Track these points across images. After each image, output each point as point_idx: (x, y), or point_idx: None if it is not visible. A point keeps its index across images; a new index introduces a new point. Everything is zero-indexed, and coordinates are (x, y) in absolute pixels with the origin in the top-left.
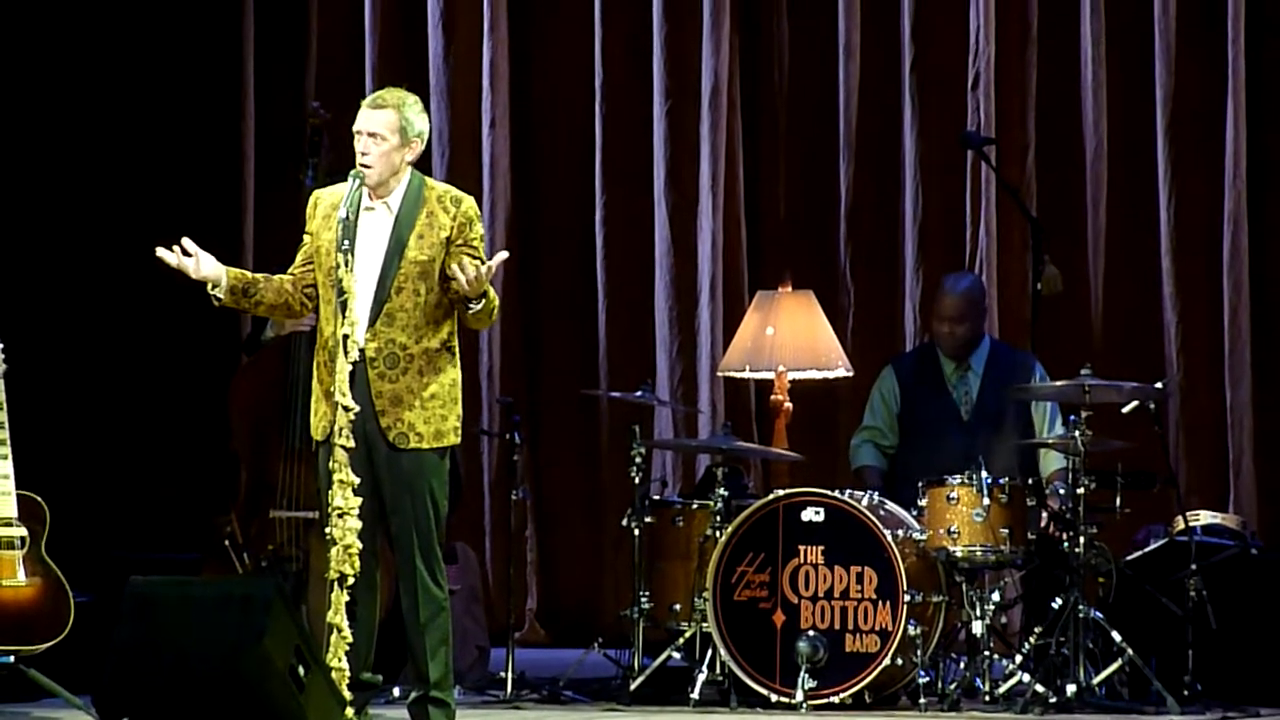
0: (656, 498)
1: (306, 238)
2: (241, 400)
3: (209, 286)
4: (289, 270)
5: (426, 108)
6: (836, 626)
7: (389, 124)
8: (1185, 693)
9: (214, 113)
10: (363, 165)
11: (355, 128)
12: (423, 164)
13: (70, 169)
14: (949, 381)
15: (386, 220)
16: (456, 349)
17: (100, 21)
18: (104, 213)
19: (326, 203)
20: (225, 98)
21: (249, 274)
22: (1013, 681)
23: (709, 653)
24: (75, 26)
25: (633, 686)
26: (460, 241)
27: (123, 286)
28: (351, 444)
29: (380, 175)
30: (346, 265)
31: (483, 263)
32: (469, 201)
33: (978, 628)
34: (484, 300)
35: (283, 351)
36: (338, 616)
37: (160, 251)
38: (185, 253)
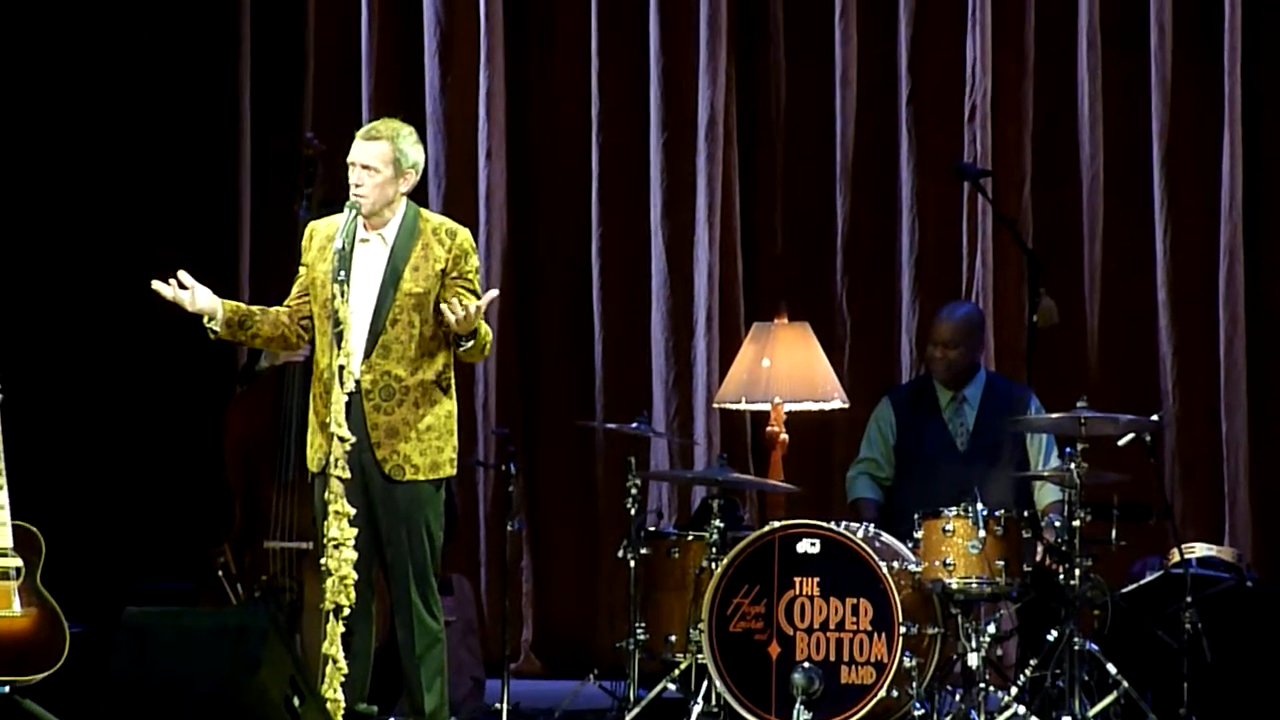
0: (652, 529)
1: (302, 269)
2: (235, 431)
3: (205, 319)
4: (284, 302)
5: (422, 138)
6: (832, 658)
7: (382, 156)
8: None
9: (210, 143)
10: (357, 197)
11: (349, 159)
12: (419, 194)
13: (65, 198)
14: (945, 413)
15: (381, 252)
16: (452, 381)
17: (95, 52)
18: (99, 243)
19: (322, 234)
20: (221, 128)
21: (245, 306)
22: (1008, 714)
23: (704, 684)
24: (70, 55)
25: (628, 718)
26: (455, 274)
27: (118, 317)
28: (347, 475)
29: (374, 206)
30: (342, 296)
31: (476, 297)
32: (464, 234)
33: (973, 660)
34: (475, 337)
35: (277, 383)
36: (333, 647)
37: (156, 285)
38: (181, 285)
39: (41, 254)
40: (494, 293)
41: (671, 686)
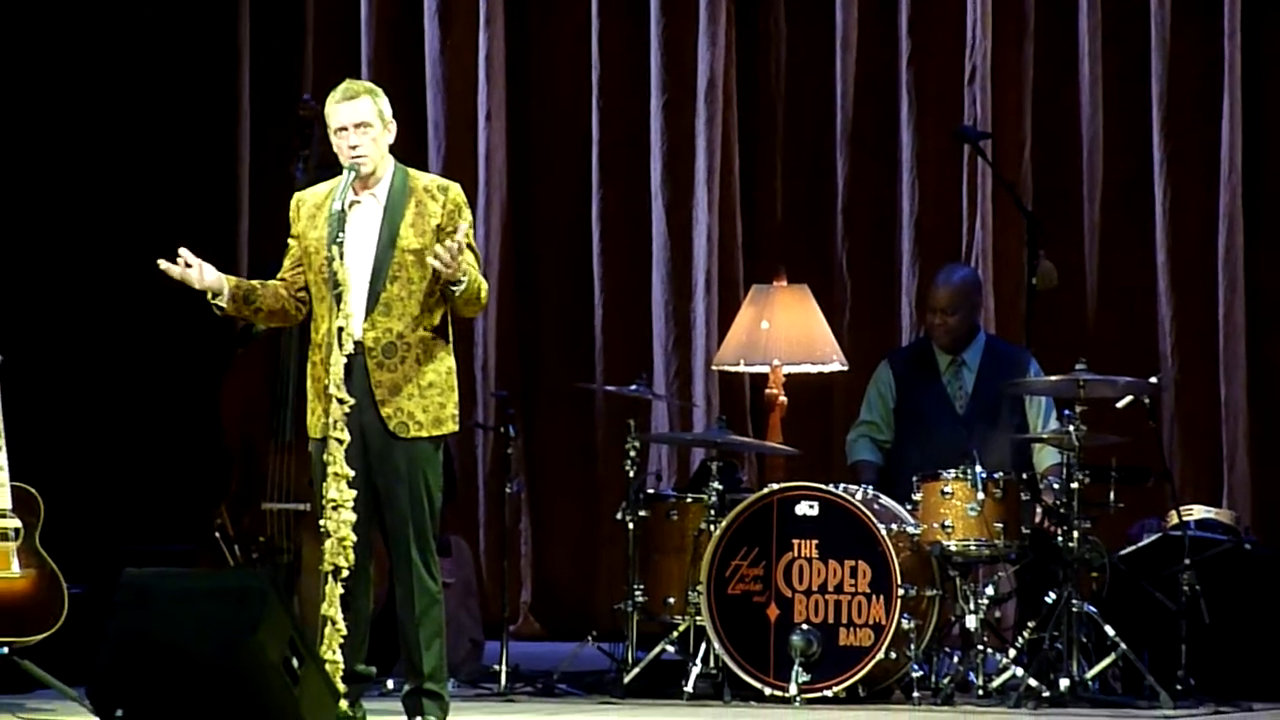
0: (651, 491)
1: (291, 241)
2: (233, 393)
3: (210, 296)
4: (278, 275)
5: (422, 99)
6: (830, 620)
7: (370, 110)
8: (1178, 687)
9: (208, 105)
10: (357, 159)
11: (338, 124)
12: (418, 157)
13: (64, 167)
14: (943, 376)
15: (376, 211)
16: (450, 336)
17: (93, 18)
18: (98, 209)
19: (310, 203)
20: (220, 91)
21: (248, 282)
22: (1006, 676)
23: (703, 646)
24: (67, 23)
25: (626, 680)
26: (450, 228)
27: (116, 282)
28: (346, 437)
29: (374, 163)
30: (340, 257)
31: (472, 251)
32: (456, 188)
33: (971, 622)
34: (465, 282)
35: (273, 345)
36: (332, 609)
37: (163, 264)
38: (186, 264)
39: (40, 219)
40: (465, 225)
41: (670, 648)
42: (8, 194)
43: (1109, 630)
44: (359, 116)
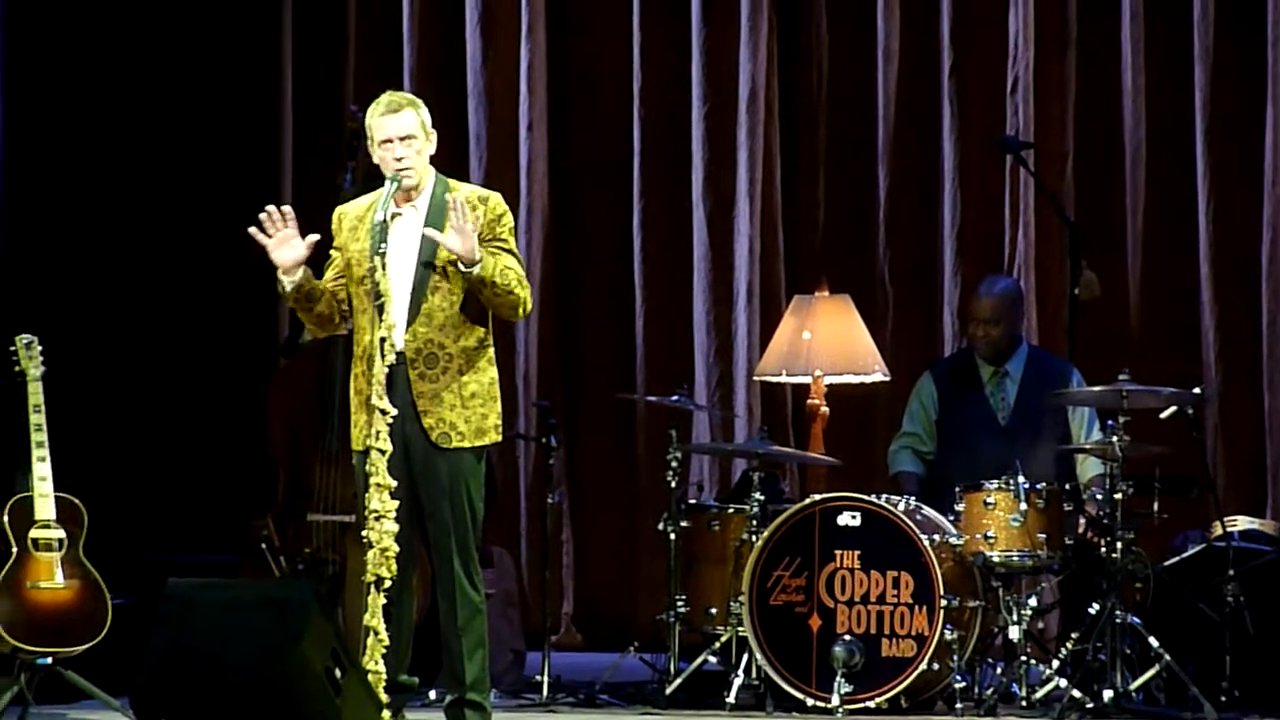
0: (693, 502)
1: (334, 253)
2: (279, 404)
3: (280, 271)
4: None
5: (464, 110)
6: (872, 631)
7: (415, 123)
8: (1222, 698)
9: (252, 118)
10: (403, 171)
11: (383, 136)
12: (460, 167)
13: (109, 172)
14: (986, 387)
15: (417, 222)
16: (492, 347)
17: (138, 26)
18: (142, 216)
19: (351, 215)
20: (264, 103)
21: (318, 282)
22: (1049, 687)
23: (745, 657)
24: (112, 29)
25: (668, 690)
26: (490, 237)
27: (161, 290)
28: (389, 447)
29: (420, 174)
30: (383, 268)
31: (514, 256)
32: (496, 197)
33: (1014, 633)
34: (479, 266)
35: (320, 355)
36: (375, 619)
37: (259, 220)
38: (283, 217)
39: (85, 227)
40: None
41: (712, 659)
42: (51, 207)
43: (1153, 641)
44: (404, 129)
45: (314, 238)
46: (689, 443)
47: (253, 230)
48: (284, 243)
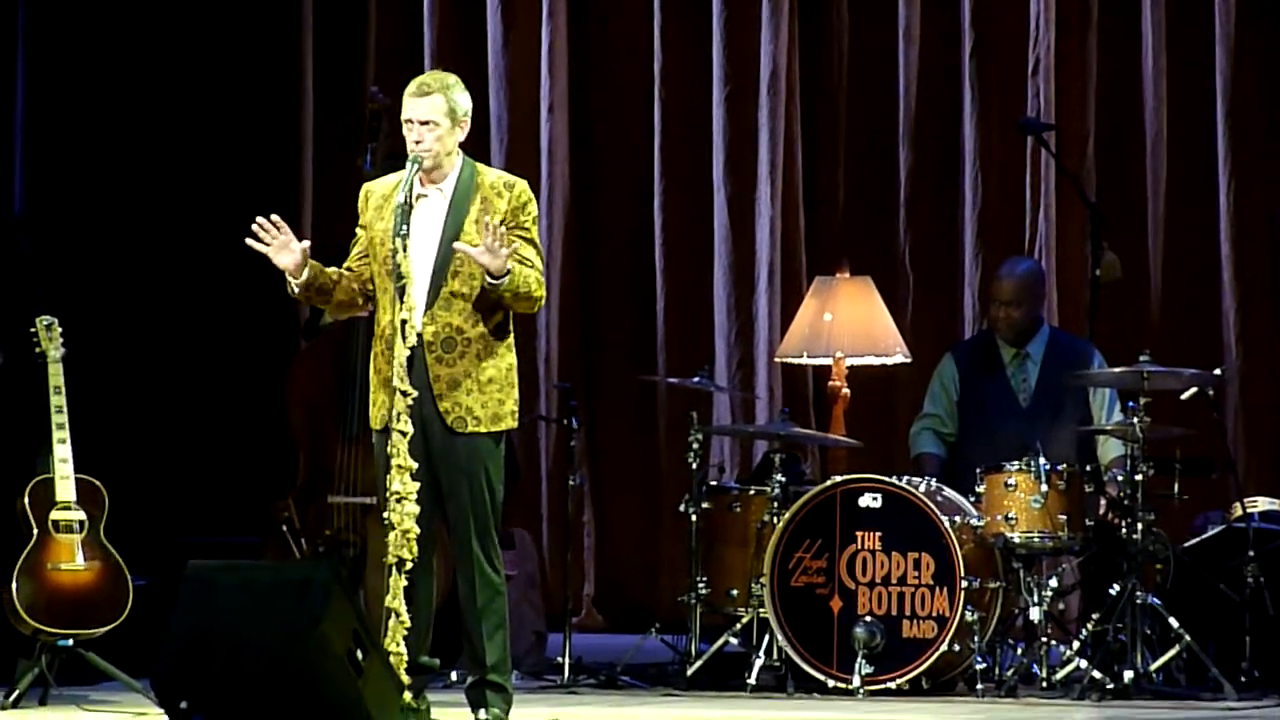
0: (714, 483)
1: (359, 231)
2: (299, 386)
3: (286, 274)
4: (344, 265)
5: (484, 93)
6: (893, 612)
7: (439, 108)
8: (1242, 679)
9: (273, 99)
10: (420, 153)
11: (405, 117)
12: (481, 150)
13: (129, 156)
14: (1008, 369)
15: (441, 205)
16: (512, 333)
17: (161, 9)
18: (163, 199)
19: (378, 194)
20: (284, 85)
21: (329, 271)
22: (1070, 668)
23: (766, 638)
24: (135, 14)
25: (689, 672)
26: (513, 224)
27: (182, 272)
28: (409, 429)
29: (436, 159)
30: (404, 250)
31: (533, 246)
32: (522, 184)
33: (1035, 614)
34: (509, 278)
35: (341, 337)
36: (396, 601)
37: (254, 230)
38: (276, 227)
39: (107, 210)
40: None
41: (733, 640)
42: (74, 190)
43: (1173, 622)
44: (425, 114)
45: (307, 243)
46: (710, 424)
47: (250, 241)
48: (282, 248)
